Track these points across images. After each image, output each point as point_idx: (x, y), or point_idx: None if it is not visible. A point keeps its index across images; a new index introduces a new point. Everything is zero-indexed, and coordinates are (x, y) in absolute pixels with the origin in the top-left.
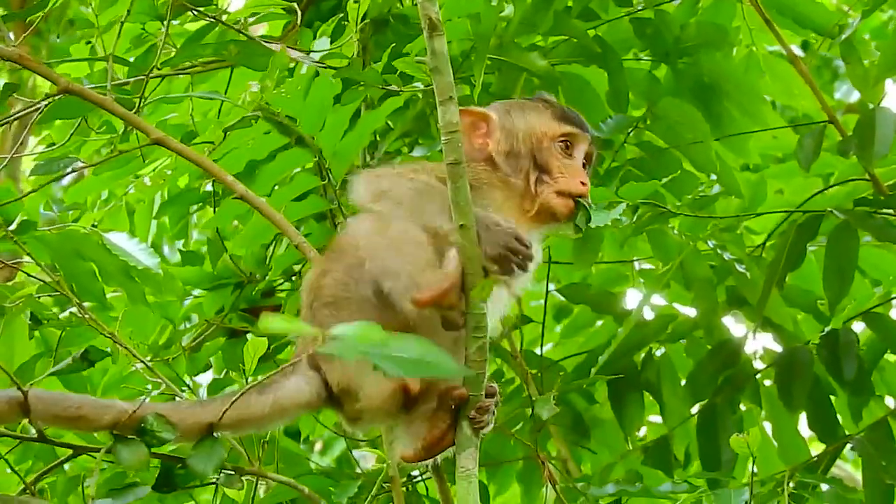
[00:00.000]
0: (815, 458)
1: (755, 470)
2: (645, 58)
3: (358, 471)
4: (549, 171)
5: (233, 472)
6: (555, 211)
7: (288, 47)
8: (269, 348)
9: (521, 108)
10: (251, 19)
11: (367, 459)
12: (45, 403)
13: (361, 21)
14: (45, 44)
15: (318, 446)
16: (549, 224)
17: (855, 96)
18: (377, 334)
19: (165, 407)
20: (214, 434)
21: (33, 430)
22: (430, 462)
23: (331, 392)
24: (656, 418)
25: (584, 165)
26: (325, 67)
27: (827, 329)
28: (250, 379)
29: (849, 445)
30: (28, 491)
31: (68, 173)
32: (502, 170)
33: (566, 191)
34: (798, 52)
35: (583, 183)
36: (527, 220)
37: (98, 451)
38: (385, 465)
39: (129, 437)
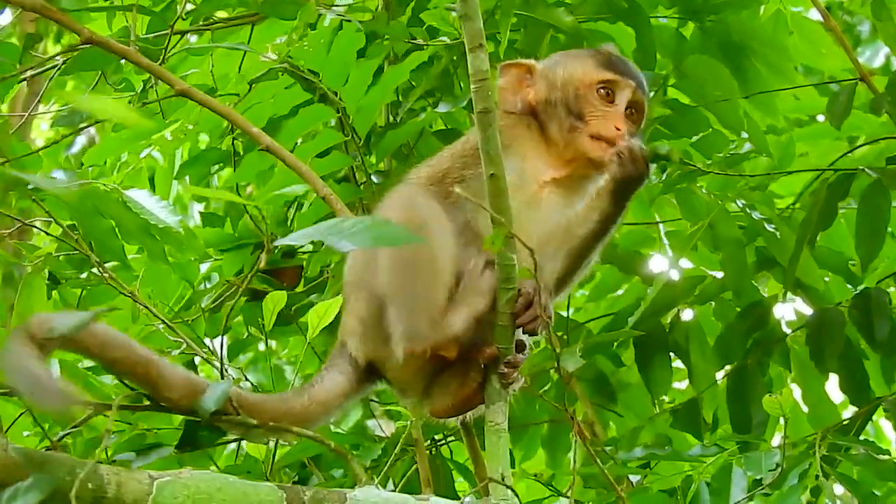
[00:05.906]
0: (847, 421)
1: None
2: (672, 15)
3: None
4: (581, 117)
5: (258, 426)
6: (588, 155)
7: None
8: (290, 310)
9: (570, 57)
10: None
11: (382, 428)
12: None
13: None
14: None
15: None
16: (590, 171)
17: (878, 62)
18: None
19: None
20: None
21: None
22: (459, 419)
23: (365, 372)
24: (680, 384)
25: (631, 114)
26: (349, 21)
27: (859, 289)
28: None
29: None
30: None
31: (89, 126)
32: (541, 119)
33: (598, 134)
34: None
35: (617, 128)
36: (566, 168)
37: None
38: (409, 425)
39: None
